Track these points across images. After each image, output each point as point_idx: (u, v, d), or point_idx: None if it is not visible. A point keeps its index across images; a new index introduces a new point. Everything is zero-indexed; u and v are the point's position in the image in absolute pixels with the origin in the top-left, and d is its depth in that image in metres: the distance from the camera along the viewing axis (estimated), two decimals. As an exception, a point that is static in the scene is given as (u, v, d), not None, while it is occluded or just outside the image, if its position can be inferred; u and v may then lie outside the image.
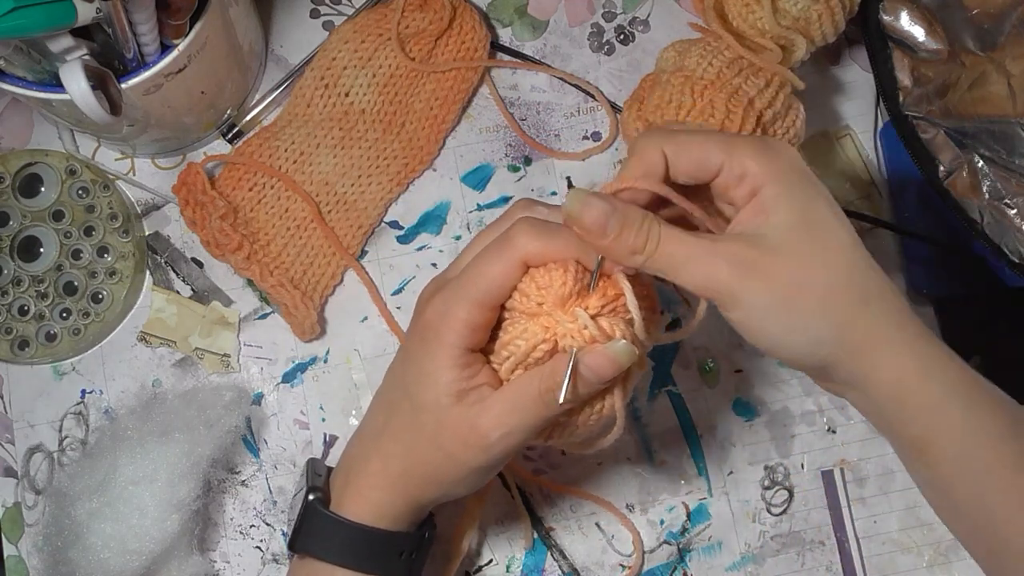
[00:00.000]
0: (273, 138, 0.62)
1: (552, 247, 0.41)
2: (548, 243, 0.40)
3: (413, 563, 0.48)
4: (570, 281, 0.40)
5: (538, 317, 0.41)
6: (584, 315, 0.40)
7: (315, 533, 0.46)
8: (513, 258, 0.41)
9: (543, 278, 0.41)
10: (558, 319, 0.40)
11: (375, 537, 0.45)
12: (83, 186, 0.61)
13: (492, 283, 0.41)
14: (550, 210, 0.43)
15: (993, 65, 0.58)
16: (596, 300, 0.41)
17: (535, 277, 0.41)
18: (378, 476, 0.45)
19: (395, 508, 0.45)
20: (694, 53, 0.55)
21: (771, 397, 0.61)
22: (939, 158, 0.59)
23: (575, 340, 0.40)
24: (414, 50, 0.63)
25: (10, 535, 0.59)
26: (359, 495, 0.46)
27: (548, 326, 0.41)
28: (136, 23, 0.48)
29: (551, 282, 0.40)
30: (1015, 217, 0.57)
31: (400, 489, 0.45)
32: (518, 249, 0.41)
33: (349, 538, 0.45)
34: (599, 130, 0.64)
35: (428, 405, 0.42)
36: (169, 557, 0.54)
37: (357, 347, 0.61)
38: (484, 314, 0.41)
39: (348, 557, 0.46)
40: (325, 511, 0.46)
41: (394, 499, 0.45)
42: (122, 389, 0.61)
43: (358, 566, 0.46)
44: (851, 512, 0.59)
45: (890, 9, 0.60)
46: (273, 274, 0.59)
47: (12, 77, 0.50)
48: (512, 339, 0.42)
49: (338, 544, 0.46)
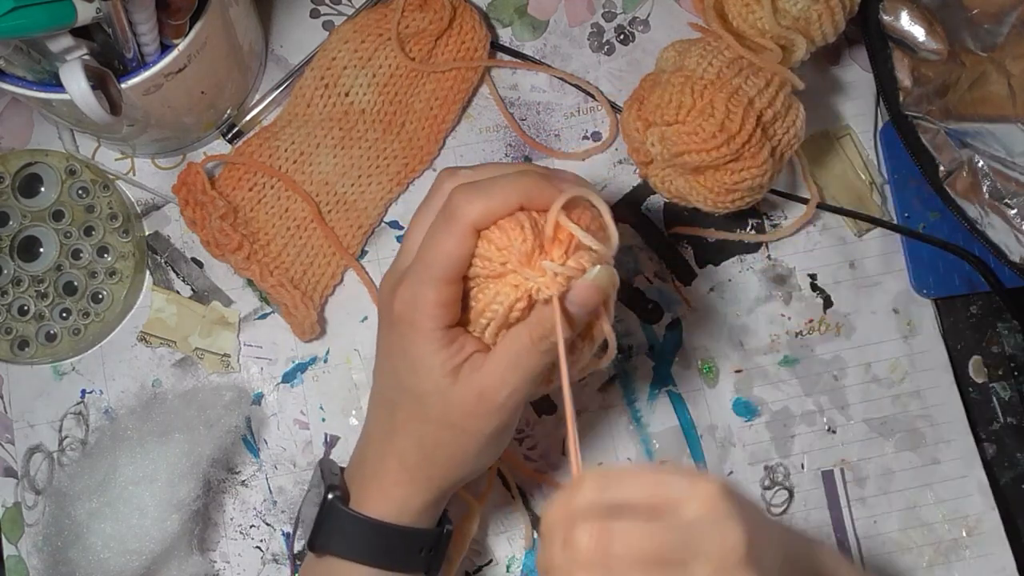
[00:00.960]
0: (273, 138, 0.62)
1: (495, 204, 0.41)
2: (489, 202, 0.41)
3: (432, 559, 0.48)
4: (529, 236, 0.41)
5: (505, 277, 0.41)
6: (552, 265, 0.40)
7: (335, 531, 0.46)
8: (462, 228, 0.41)
9: (501, 239, 0.41)
10: (528, 276, 0.41)
11: (397, 533, 0.46)
12: (83, 186, 0.61)
13: (450, 258, 0.41)
14: (473, 170, 0.44)
15: (993, 65, 0.58)
16: (558, 250, 0.41)
17: (492, 240, 0.41)
18: (397, 472, 0.45)
19: (418, 502, 0.46)
20: (694, 53, 0.55)
21: (771, 397, 0.61)
22: (939, 158, 0.59)
23: (550, 289, 0.41)
24: (414, 50, 0.63)
25: (10, 535, 0.59)
26: (381, 493, 0.46)
27: (518, 284, 0.41)
28: (136, 23, 0.48)
29: (510, 242, 0.41)
30: (1015, 217, 0.57)
31: (422, 480, 0.45)
32: (465, 218, 0.41)
33: (370, 535, 0.46)
34: (599, 130, 0.64)
35: (429, 391, 0.43)
36: (169, 557, 0.54)
37: (357, 347, 0.61)
38: (451, 289, 0.42)
39: (369, 554, 0.46)
40: (346, 509, 0.46)
41: (416, 492, 0.46)
42: (122, 389, 0.61)
43: (378, 563, 0.46)
44: (851, 512, 0.59)
45: (890, 9, 0.60)
46: (273, 274, 0.59)
47: (12, 77, 0.50)
48: (487, 305, 0.42)
49: (359, 541, 0.46)
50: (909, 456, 0.60)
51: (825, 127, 0.64)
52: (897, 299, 0.62)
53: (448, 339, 0.42)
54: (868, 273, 0.63)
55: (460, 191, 0.42)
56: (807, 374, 0.61)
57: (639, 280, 0.62)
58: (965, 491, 0.60)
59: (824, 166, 0.64)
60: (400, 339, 0.43)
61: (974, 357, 0.62)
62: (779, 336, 0.62)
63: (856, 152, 0.64)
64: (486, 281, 0.42)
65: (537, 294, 0.41)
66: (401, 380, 0.44)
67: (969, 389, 0.62)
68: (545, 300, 0.41)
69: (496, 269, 0.41)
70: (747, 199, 0.56)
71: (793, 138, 0.55)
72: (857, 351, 0.62)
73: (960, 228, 0.59)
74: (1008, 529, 0.60)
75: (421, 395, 0.43)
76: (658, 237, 0.63)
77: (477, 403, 0.42)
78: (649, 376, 0.61)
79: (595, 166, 0.64)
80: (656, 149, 0.55)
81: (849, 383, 0.61)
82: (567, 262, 0.41)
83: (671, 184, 0.57)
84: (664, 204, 0.63)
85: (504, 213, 0.41)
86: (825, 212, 0.63)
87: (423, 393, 0.43)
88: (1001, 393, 0.62)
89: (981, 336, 0.63)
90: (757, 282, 0.62)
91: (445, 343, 0.42)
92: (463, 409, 0.43)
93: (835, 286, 0.62)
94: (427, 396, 0.43)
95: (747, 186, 0.54)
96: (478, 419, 0.43)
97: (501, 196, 0.41)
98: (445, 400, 0.43)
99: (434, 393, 0.43)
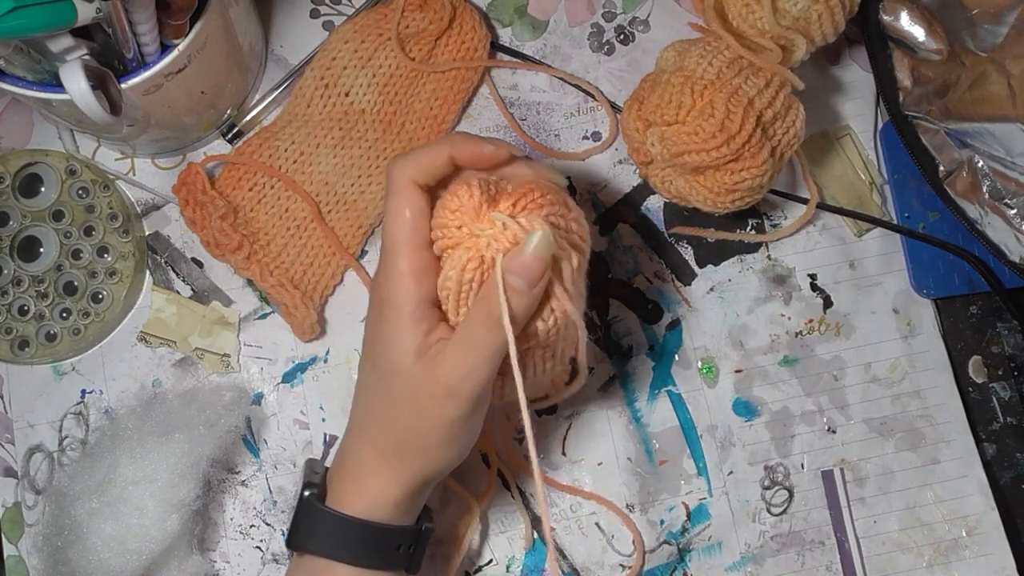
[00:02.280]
0: (273, 138, 0.62)
1: (424, 156, 0.43)
2: (423, 157, 0.43)
3: (412, 557, 0.48)
4: (476, 192, 0.40)
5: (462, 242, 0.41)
6: (500, 215, 0.40)
7: (312, 529, 0.46)
8: (402, 187, 0.43)
9: (452, 201, 0.41)
10: (477, 230, 0.40)
11: (372, 531, 0.45)
12: (83, 186, 0.61)
13: (401, 219, 0.42)
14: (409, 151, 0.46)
15: (993, 65, 0.58)
16: (506, 202, 0.41)
17: (445, 204, 0.41)
18: (372, 461, 0.45)
19: (394, 493, 0.45)
20: (694, 53, 0.55)
21: (771, 397, 0.61)
22: (939, 158, 0.59)
23: (499, 244, 0.40)
24: (414, 50, 0.63)
25: (10, 535, 0.59)
26: (356, 486, 0.46)
27: (471, 246, 0.41)
28: (136, 23, 0.48)
29: (460, 201, 0.41)
30: (1015, 217, 0.57)
31: (397, 469, 0.45)
32: (400, 176, 0.43)
33: (346, 533, 0.45)
34: (599, 130, 0.64)
35: (397, 373, 0.43)
36: (169, 557, 0.54)
37: (357, 347, 0.61)
38: (418, 256, 0.43)
39: (345, 552, 0.46)
40: (321, 506, 0.46)
41: (391, 483, 0.45)
42: (122, 389, 0.61)
43: (355, 561, 0.46)
44: (851, 512, 0.59)
45: (890, 9, 0.60)
46: (273, 274, 0.59)
47: (12, 77, 0.50)
48: (443, 275, 0.42)
49: (335, 539, 0.46)
50: (909, 456, 0.60)
51: (825, 127, 0.64)
52: (897, 299, 0.62)
53: (419, 318, 0.43)
54: (868, 273, 0.63)
55: (394, 160, 0.44)
56: (807, 374, 0.61)
57: (639, 280, 0.62)
58: (965, 491, 0.60)
59: (824, 166, 0.64)
60: (378, 321, 0.44)
61: (974, 357, 0.62)
62: (779, 336, 0.62)
63: (856, 152, 0.64)
64: (448, 253, 0.42)
65: (487, 250, 0.40)
66: (376, 364, 0.45)
67: (969, 389, 0.62)
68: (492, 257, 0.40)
69: (454, 235, 0.41)
70: (747, 199, 0.56)
71: (793, 138, 0.55)
72: (857, 351, 0.62)
73: (960, 228, 0.59)
74: (1008, 529, 0.60)
75: (391, 377, 0.44)
76: (658, 237, 0.63)
77: (435, 387, 0.42)
78: (649, 376, 0.61)
79: (595, 166, 0.64)
80: (656, 149, 0.55)
81: (849, 383, 0.61)
82: (518, 218, 0.40)
83: (671, 184, 0.57)
84: (664, 204, 0.63)
85: (434, 162, 0.43)
86: (825, 212, 0.63)
87: (393, 375, 0.43)
88: (1001, 393, 0.62)
89: (981, 336, 0.63)
90: (757, 282, 0.62)
91: (416, 322, 0.43)
92: (425, 392, 0.43)
93: (835, 286, 0.62)
94: (396, 378, 0.43)
95: (747, 186, 0.54)
96: (438, 403, 0.43)
97: (429, 149, 0.43)
98: (413, 383, 0.43)
99: (402, 375, 0.43)
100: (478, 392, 0.42)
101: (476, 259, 0.41)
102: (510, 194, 0.41)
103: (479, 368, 0.42)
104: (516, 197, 0.41)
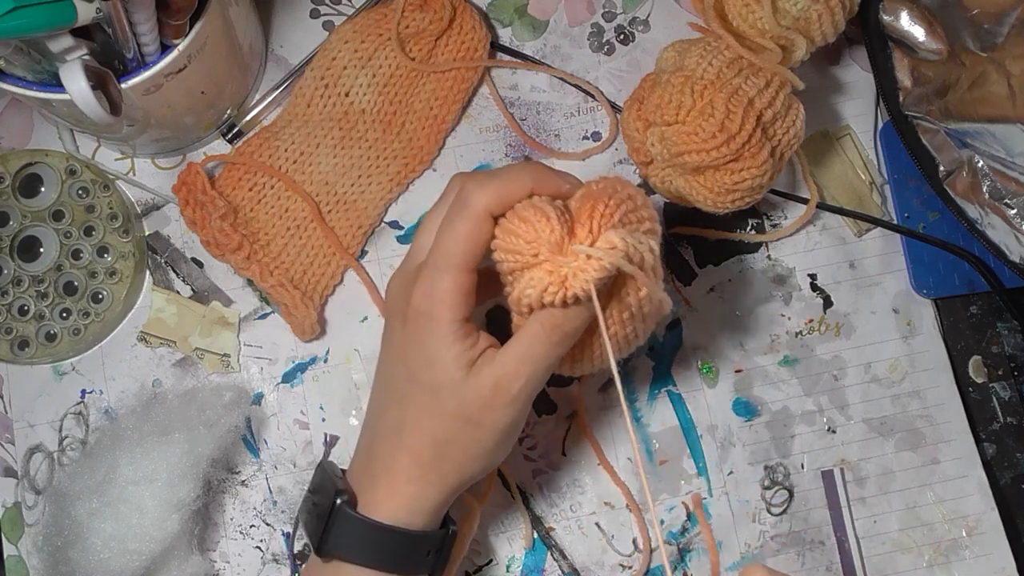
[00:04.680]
0: (273, 138, 0.62)
1: (506, 187, 0.42)
2: (500, 186, 0.42)
3: (437, 560, 0.48)
4: (556, 226, 0.41)
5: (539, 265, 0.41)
6: (582, 248, 0.40)
7: (344, 536, 0.46)
8: (476, 213, 0.42)
9: (529, 233, 0.41)
10: (562, 263, 0.41)
11: (406, 537, 0.46)
12: (83, 186, 0.61)
13: (466, 243, 0.42)
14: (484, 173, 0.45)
15: (993, 65, 0.58)
16: (582, 230, 0.41)
17: (519, 233, 0.41)
18: (409, 469, 0.45)
19: (430, 501, 0.46)
20: (694, 53, 0.55)
21: (771, 397, 0.61)
22: (939, 158, 0.59)
23: (585, 274, 0.40)
24: (414, 50, 0.63)
25: (10, 535, 0.59)
26: (392, 492, 0.46)
27: (552, 270, 0.41)
28: (136, 23, 0.48)
29: (538, 234, 0.41)
30: (1015, 217, 0.57)
31: (435, 477, 0.45)
32: (478, 203, 0.42)
33: (379, 540, 0.45)
34: (599, 130, 0.64)
35: (444, 384, 0.43)
36: (169, 557, 0.54)
37: (357, 347, 0.61)
38: (468, 278, 0.43)
39: (376, 558, 0.46)
40: (355, 514, 0.46)
41: (428, 490, 0.46)
42: (122, 389, 0.61)
43: (385, 567, 0.46)
44: (851, 512, 0.59)
45: (890, 9, 0.60)
46: (273, 274, 0.59)
47: (12, 77, 0.50)
48: (519, 291, 0.42)
49: (368, 546, 0.46)
50: (909, 456, 0.60)
51: (825, 127, 0.64)
52: (897, 299, 0.62)
53: (463, 332, 0.43)
54: (868, 273, 0.63)
55: (471, 179, 0.43)
56: (807, 374, 0.61)
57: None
58: (965, 491, 0.60)
59: (824, 166, 0.64)
60: (416, 332, 0.44)
61: (974, 357, 0.62)
62: (779, 336, 0.62)
63: (856, 152, 0.64)
64: (517, 274, 0.42)
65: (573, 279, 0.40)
66: (414, 375, 0.44)
67: (969, 389, 0.62)
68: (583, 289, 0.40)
69: (528, 261, 0.42)
70: (747, 199, 0.56)
71: (793, 138, 0.55)
72: (857, 351, 0.62)
73: (960, 228, 0.59)
74: (1008, 529, 0.60)
75: (436, 389, 0.44)
76: (658, 237, 0.63)
77: (491, 396, 0.43)
78: (649, 376, 0.61)
79: (595, 166, 0.64)
80: (656, 149, 0.55)
81: (849, 383, 0.61)
82: (596, 243, 0.41)
83: (671, 184, 0.57)
84: (664, 204, 0.63)
85: (515, 195, 0.42)
86: (825, 212, 0.63)
87: (438, 386, 0.44)
88: (1001, 393, 0.62)
89: (981, 336, 0.63)
90: (757, 282, 0.62)
91: (460, 336, 0.43)
92: (478, 402, 0.43)
93: (835, 286, 0.62)
94: (441, 389, 0.43)
95: (747, 186, 0.54)
96: (493, 412, 0.43)
97: (511, 179, 0.42)
98: (459, 393, 0.43)
99: (449, 386, 0.43)
100: (530, 398, 0.44)
101: (557, 283, 0.41)
102: (583, 221, 0.41)
103: (536, 377, 0.43)
104: (589, 221, 0.41)
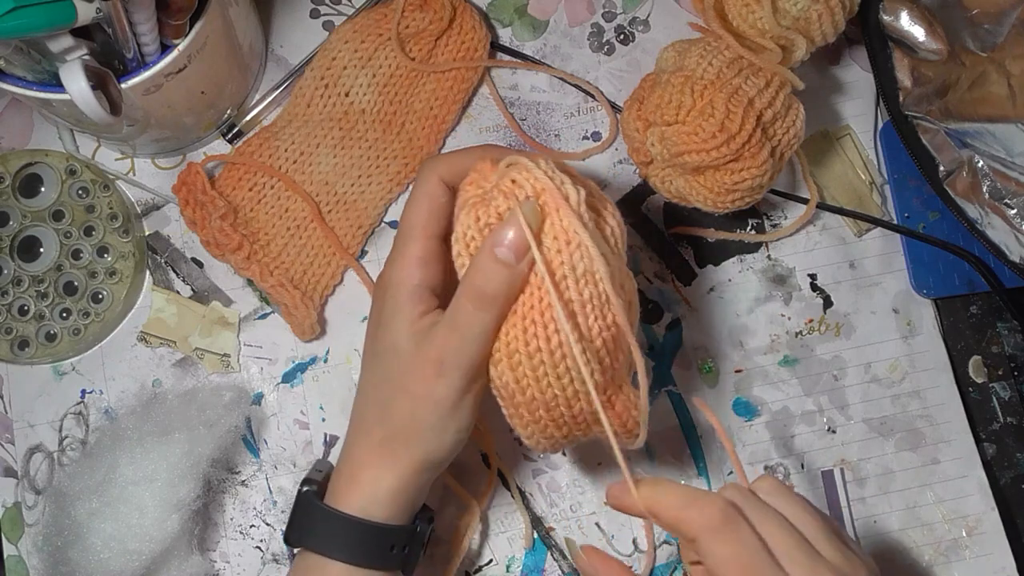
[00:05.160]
0: (273, 138, 0.62)
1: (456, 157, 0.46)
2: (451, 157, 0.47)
3: (407, 558, 0.47)
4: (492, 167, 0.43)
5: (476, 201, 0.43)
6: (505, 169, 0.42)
7: (307, 526, 0.47)
8: (429, 179, 0.45)
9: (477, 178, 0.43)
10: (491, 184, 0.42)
11: (363, 529, 0.45)
12: (83, 186, 0.61)
13: (423, 209, 0.45)
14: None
15: (993, 65, 0.58)
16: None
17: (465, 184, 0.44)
18: (365, 454, 0.46)
19: (387, 485, 0.45)
20: (694, 53, 0.55)
21: (771, 397, 0.61)
22: (939, 158, 0.59)
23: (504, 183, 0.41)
24: (414, 50, 0.63)
25: (10, 535, 0.59)
26: (352, 479, 0.46)
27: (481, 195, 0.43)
28: (136, 23, 0.48)
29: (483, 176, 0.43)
30: (1015, 217, 0.57)
31: (388, 458, 0.45)
32: (431, 172, 0.46)
33: (338, 530, 0.46)
34: (599, 130, 0.64)
35: (390, 349, 0.44)
36: (169, 557, 0.54)
37: (357, 347, 0.61)
38: (430, 244, 0.45)
39: (339, 550, 0.46)
40: (316, 503, 0.46)
41: (383, 473, 0.45)
42: (122, 389, 0.61)
43: (349, 559, 0.45)
44: (851, 512, 0.59)
45: (890, 9, 0.60)
46: (273, 274, 0.59)
47: (12, 77, 0.50)
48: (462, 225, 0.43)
49: (330, 536, 0.46)
50: (909, 456, 0.60)
51: (825, 127, 0.64)
52: (897, 299, 0.62)
53: (419, 298, 0.44)
54: (868, 273, 0.63)
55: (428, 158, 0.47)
56: (807, 374, 0.61)
57: (639, 280, 0.62)
58: (965, 491, 0.60)
59: (824, 166, 0.64)
60: (380, 300, 0.46)
61: (974, 357, 0.62)
62: (779, 336, 0.62)
63: (856, 152, 0.64)
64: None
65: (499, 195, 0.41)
66: (375, 345, 0.46)
67: (969, 389, 0.62)
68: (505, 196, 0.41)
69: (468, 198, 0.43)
70: (747, 199, 0.56)
71: (793, 138, 0.55)
72: (857, 351, 0.62)
73: (960, 228, 0.59)
74: (1008, 529, 0.60)
75: (385, 355, 0.44)
76: (658, 237, 0.63)
77: (424, 367, 0.43)
78: (649, 376, 0.61)
79: (595, 166, 0.64)
80: (656, 149, 0.55)
81: (849, 383, 0.61)
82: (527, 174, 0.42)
83: (671, 184, 0.57)
84: (664, 204, 0.63)
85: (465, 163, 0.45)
86: (825, 212, 0.63)
87: (387, 352, 0.44)
88: (1001, 393, 0.62)
89: (981, 336, 0.63)
90: (757, 282, 0.62)
91: (415, 301, 0.44)
92: (417, 371, 0.43)
93: (835, 286, 0.62)
94: (389, 355, 0.44)
95: (747, 186, 0.54)
96: (428, 383, 0.43)
97: (462, 151, 0.47)
98: (402, 362, 0.44)
99: (395, 353, 0.44)
100: (466, 371, 0.42)
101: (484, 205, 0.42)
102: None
103: (467, 346, 0.42)
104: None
